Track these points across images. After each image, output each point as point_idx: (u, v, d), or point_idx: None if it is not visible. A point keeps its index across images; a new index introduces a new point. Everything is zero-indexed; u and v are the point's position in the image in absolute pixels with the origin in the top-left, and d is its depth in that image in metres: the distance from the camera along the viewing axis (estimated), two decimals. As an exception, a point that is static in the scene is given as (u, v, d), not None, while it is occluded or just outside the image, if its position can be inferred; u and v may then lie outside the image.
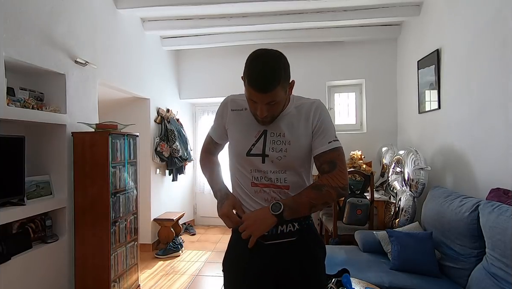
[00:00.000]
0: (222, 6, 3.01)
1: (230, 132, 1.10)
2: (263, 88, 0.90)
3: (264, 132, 1.02)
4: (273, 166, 1.01)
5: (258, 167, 1.02)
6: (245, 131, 1.05)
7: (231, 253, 1.11)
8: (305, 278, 1.02)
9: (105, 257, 2.28)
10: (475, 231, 1.76)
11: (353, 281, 1.62)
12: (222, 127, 1.13)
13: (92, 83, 2.58)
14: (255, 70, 0.91)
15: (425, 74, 2.94)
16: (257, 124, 1.03)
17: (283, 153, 1.00)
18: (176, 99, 4.40)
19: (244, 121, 1.06)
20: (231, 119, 1.09)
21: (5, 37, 1.80)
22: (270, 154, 1.01)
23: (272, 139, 1.01)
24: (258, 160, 1.01)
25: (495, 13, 1.96)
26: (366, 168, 3.30)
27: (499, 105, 1.93)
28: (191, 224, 4.65)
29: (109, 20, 2.85)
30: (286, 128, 1.02)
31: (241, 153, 1.04)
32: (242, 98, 1.09)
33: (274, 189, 1.01)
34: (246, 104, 1.04)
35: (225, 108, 1.11)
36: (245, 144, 1.03)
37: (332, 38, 3.77)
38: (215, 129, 1.17)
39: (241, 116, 1.07)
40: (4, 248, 1.80)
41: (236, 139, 1.07)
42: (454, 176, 2.45)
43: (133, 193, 2.66)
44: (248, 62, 0.93)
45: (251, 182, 1.03)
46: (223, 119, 1.12)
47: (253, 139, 1.03)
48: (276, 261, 1.02)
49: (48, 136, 2.25)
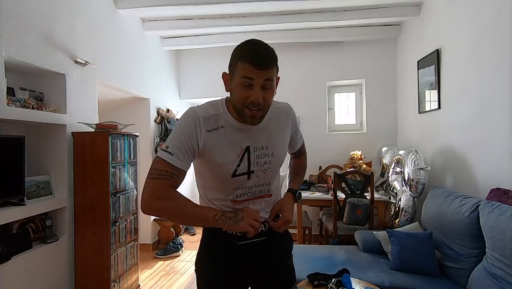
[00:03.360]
0: (222, 6, 3.01)
1: (208, 156, 0.94)
2: (263, 63, 0.86)
3: (247, 149, 0.96)
4: (258, 180, 1.00)
5: (242, 184, 0.98)
6: (227, 153, 0.94)
7: (204, 254, 1.06)
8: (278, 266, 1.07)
9: (105, 257, 2.28)
10: (475, 231, 1.76)
11: (353, 281, 1.62)
12: (188, 152, 0.91)
13: (92, 83, 2.58)
14: (254, 48, 0.88)
15: (425, 74, 2.94)
16: (238, 142, 0.96)
17: (267, 165, 1.00)
18: (176, 99, 4.40)
19: (224, 142, 0.94)
20: (209, 141, 0.92)
21: (5, 37, 1.80)
22: (255, 169, 0.98)
23: (256, 154, 0.98)
24: (244, 178, 0.97)
25: (495, 13, 1.96)
26: (366, 168, 3.30)
27: (499, 105, 1.92)
28: (191, 224, 4.64)
29: (109, 20, 2.85)
30: (267, 139, 1.00)
31: (225, 176, 0.96)
32: (211, 113, 0.95)
33: (256, 200, 1.03)
34: (219, 120, 0.95)
35: (198, 129, 0.92)
36: (229, 167, 0.95)
37: (332, 38, 3.76)
38: (181, 156, 0.90)
39: (219, 136, 0.94)
40: (4, 248, 1.80)
41: (218, 164, 0.94)
42: (454, 176, 2.45)
43: (133, 193, 2.66)
44: (242, 46, 0.90)
45: (232, 200, 1.00)
46: (195, 142, 0.92)
47: (237, 159, 0.95)
48: (251, 260, 1.03)
49: (48, 136, 2.26)
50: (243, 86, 0.88)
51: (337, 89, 4.20)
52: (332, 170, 3.47)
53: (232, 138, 0.95)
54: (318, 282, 1.67)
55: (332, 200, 2.78)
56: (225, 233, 0.99)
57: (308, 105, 3.96)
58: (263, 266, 1.04)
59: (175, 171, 0.90)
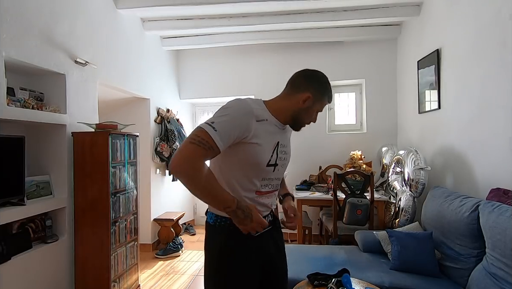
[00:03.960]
0: (222, 6, 3.01)
1: (253, 144, 1.03)
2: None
3: (277, 144, 1.12)
4: (277, 173, 1.15)
5: (268, 175, 1.12)
6: (268, 143, 1.08)
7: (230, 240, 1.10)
8: (279, 251, 1.25)
9: (105, 257, 2.28)
10: (475, 231, 1.76)
11: (353, 281, 1.62)
12: (233, 137, 0.99)
13: (92, 83, 2.58)
14: (329, 88, 1.18)
15: (425, 74, 2.94)
16: (274, 135, 1.11)
17: (285, 161, 1.19)
18: (176, 99, 4.40)
19: (267, 133, 1.08)
20: (257, 130, 1.04)
21: (5, 37, 1.80)
22: (278, 163, 1.13)
23: (280, 150, 1.13)
24: (271, 169, 1.11)
25: (495, 13, 1.96)
26: (366, 168, 3.30)
27: (499, 105, 1.93)
28: (191, 224, 4.65)
29: (109, 20, 2.85)
30: (288, 140, 1.21)
31: (261, 164, 1.07)
32: (258, 107, 1.08)
33: (271, 194, 1.18)
34: (265, 116, 1.09)
35: (251, 119, 1.02)
36: (267, 155, 1.08)
37: (332, 38, 3.77)
38: (225, 137, 0.97)
39: (264, 127, 1.07)
40: (4, 248, 1.80)
41: (259, 150, 1.05)
42: (454, 176, 2.45)
43: (133, 193, 2.66)
44: (323, 82, 1.16)
45: (256, 191, 1.11)
46: (244, 130, 1.00)
47: (272, 150, 1.09)
48: (263, 246, 1.17)
49: (48, 136, 2.26)
50: (315, 113, 1.18)
51: (337, 89, 4.20)
52: (332, 170, 3.47)
53: (271, 132, 1.10)
54: (318, 282, 1.67)
55: (332, 200, 2.78)
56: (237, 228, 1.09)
57: (308, 105, 3.95)
58: (270, 251, 1.19)
59: (213, 144, 0.95)
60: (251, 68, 4.24)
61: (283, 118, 1.13)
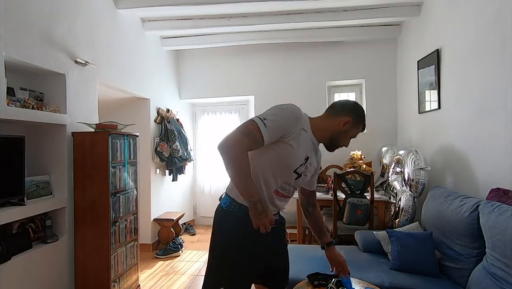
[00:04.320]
0: (222, 6, 3.01)
1: (290, 146, 1.16)
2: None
3: (307, 158, 1.24)
4: (298, 183, 1.28)
5: (291, 181, 1.23)
6: (302, 151, 1.20)
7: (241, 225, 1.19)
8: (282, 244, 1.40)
9: (105, 257, 2.28)
10: (475, 231, 1.76)
11: (353, 281, 1.61)
12: (279, 135, 1.13)
13: (92, 83, 2.58)
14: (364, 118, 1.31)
15: (425, 74, 2.94)
16: (308, 149, 1.23)
17: (306, 177, 1.30)
18: (176, 99, 4.40)
19: (304, 142, 1.20)
20: (298, 135, 1.17)
21: (5, 37, 1.80)
22: (302, 176, 1.26)
23: (306, 164, 1.25)
24: (295, 176, 1.23)
25: (495, 13, 1.96)
26: (366, 168, 3.30)
27: (499, 106, 1.93)
28: (191, 224, 4.65)
29: (109, 20, 2.85)
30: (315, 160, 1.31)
31: (290, 166, 1.19)
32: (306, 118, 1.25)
33: (286, 198, 1.28)
34: (308, 127, 1.23)
35: (298, 123, 1.17)
36: (297, 161, 1.20)
37: (332, 38, 3.77)
38: (272, 133, 1.11)
39: (304, 137, 1.20)
40: (4, 248, 1.80)
41: (293, 154, 1.17)
42: (454, 176, 2.45)
43: (133, 193, 2.66)
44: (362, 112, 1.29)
45: (275, 190, 1.22)
46: (289, 131, 1.14)
47: (302, 160, 1.21)
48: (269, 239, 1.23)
49: (48, 136, 2.26)
50: (349, 138, 1.31)
51: (337, 89, 4.20)
52: (332, 170, 3.47)
53: (307, 144, 1.23)
54: (318, 282, 1.67)
55: (332, 200, 2.77)
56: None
57: (308, 105, 3.88)
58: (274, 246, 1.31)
59: (260, 138, 1.10)
60: (251, 68, 4.24)
61: (320, 136, 1.26)
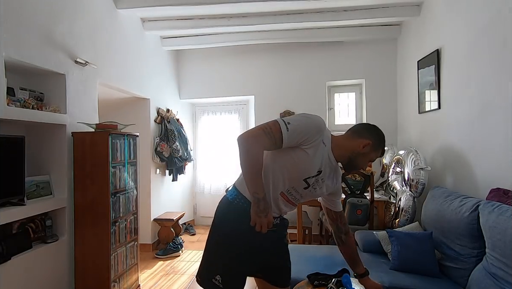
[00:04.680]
0: (222, 6, 3.01)
1: (305, 152, 1.18)
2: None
3: (319, 172, 1.23)
4: (306, 194, 1.27)
5: (299, 188, 1.24)
6: (316, 162, 1.21)
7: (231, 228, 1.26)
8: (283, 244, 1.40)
9: (105, 257, 2.28)
10: (475, 231, 1.76)
11: (353, 281, 1.61)
12: (299, 141, 1.17)
13: (92, 83, 2.58)
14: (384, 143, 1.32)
15: (425, 74, 2.94)
16: (322, 162, 1.23)
17: (316, 190, 1.29)
18: (176, 99, 4.40)
19: (320, 154, 1.21)
20: (317, 146, 1.19)
21: (5, 37, 1.80)
22: (311, 188, 1.26)
23: (318, 178, 1.25)
24: (304, 185, 1.24)
25: (495, 13, 1.96)
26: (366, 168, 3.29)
27: (499, 105, 1.93)
28: (191, 224, 4.65)
29: (109, 20, 2.85)
30: (328, 178, 1.30)
31: (302, 173, 1.21)
32: (328, 133, 1.26)
33: (290, 204, 1.29)
34: (328, 142, 1.24)
35: (320, 134, 1.20)
36: (310, 170, 1.21)
37: (332, 38, 3.77)
38: (291, 138, 1.15)
39: (322, 150, 1.22)
40: (4, 248, 1.80)
41: (308, 163, 1.19)
42: (454, 176, 2.45)
43: (133, 193, 2.66)
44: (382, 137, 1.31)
45: (282, 192, 1.24)
46: (309, 139, 1.17)
47: (315, 171, 1.22)
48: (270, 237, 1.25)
49: (48, 136, 2.26)
50: (368, 162, 1.31)
51: (337, 89, 4.19)
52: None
53: (324, 158, 1.23)
54: (318, 282, 1.67)
55: (332, 200, 2.77)
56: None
57: (308, 105, 3.95)
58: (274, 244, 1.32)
59: (279, 140, 1.14)
60: (251, 68, 4.24)
61: (338, 154, 1.26)
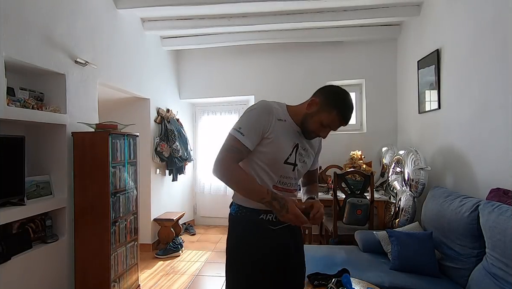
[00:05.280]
0: (222, 6, 3.01)
1: (271, 140, 1.13)
2: (347, 122, 1.14)
3: (296, 145, 1.19)
4: (297, 173, 1.21)
5: (287, 173, 1.19)
6: (286, 141, 1.16)
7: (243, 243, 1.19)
8: (298, 249, 1.30)
9: (105, 257, 2.28)
10: (475, 231, 1.76)
11: (353, 281, 1.62)
12: (259, 134, 1.13)
13: (92, 83, 2.58)
14: (349, 108, 1.14)
15: (425, 74, 2.94)
16: (292, 137, 1.18)
17: (304, 164, 1.24)
18: (176, 99, 4.40)
19: (285, 132, 1.16)
20: (276, 128, 1.14)
21: (5, 37, 1.80)
22: (298, 164, 1.20)
23: (300, 152, 1.20)
24: (290, 168, 1.18)
25: (495, 13, 1.96)
26: (366, 168, 3.29)
27: (499, 105, 1.93)
28: (191, 224, 4.65)
29: (109, 20, 2.85)
30: (308, 145, 1.25)
31: (279, 160, 1.15)
32: (279, 108, 1.19)
33: (288, 192, 1.22)
34: (285, 116, 1.18)
35: (270, 116, 1.14)
36: (284, 153, 1.16)
37: (332, 38, 3.77)
38: (251, 137, 1.11)
39: (283, 127, 1.16)
40: (4, 248, 1.80)
41: (278, 147, 1.14)
42: (454, 176, 2.45)
43: (133, 193, 2.66)
44: (342, 100, 1.13)
45: (274, 186, 1.18)
46: (265, 127, 1.13)
47: (290, 150, 1.17)
48: (282, 240, 1.21)
49: (48, 136, 2.26)
50: (321, 126, 1.15)
51: (337, 89, 4.19)
52: (332, 170, 3.47)
53: (290, 132, 1.18)
54: (318, 282, 1.67)
55: (332, 200, 2.78)
56: (262, 220, 1.17)
57: (308, 105, 3.94)
58: (288, 248, 1.23)
59: (243, 148, 1.11)
60: (251, 68, 4.24)
61: (297, 121, 1.19)
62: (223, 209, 2.91)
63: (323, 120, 1.13)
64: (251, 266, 1.16)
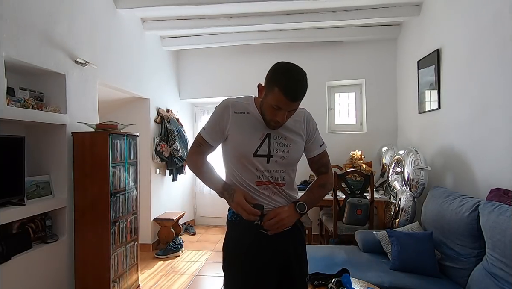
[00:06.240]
0: (222, 6, 3.02)
1: (232, 134, 1.13)
2: (295, 98, 1.00)
3: (267, 135, 1.12)
4: (276, 165, 1.13)
5: (262, 167, 1.12)
6: (250, 134, 1.12)
7: (236, 248, 1.15)
8: (299, 255, 1.21)
9: (105, 257, 2.28)
10: (475, 231, 1.76)
11: (353, 281, 1.62)
12: (219, 130, 1.14)
13: (92, 83, 2.58)
14: (292, 81, 0.99)
15: (425, 74, 2.94)
16: (260, 128, 1.12)
17: (285, 153, 1.14)
18: (176, 99, 4.40)
19: (248, 124, 1.12)
20: (234, 121, 1.12)
21: (5, 37, 1.80)
22: (274, 154, 1.12)
23: (276, 141, 1.13)
24: (263, 160, 1.12)
25: (495, 13, 1.96)
26: (366, 168, 3.29)
27: (499, 105, 1.93)
28: (191, 224, 4.65)
29: (109, 20, 2.85)
30: (286, 132, 1.15)
31: (247, 154, 1.11)
32: (242, 102, 1.16)
33: (276, 188, 1.14)
34: (248, 108, 1.14)
35: (226, 111, 1.13)
36: (251, 146, 1.11)
37: (332, 38, 3.77)
38: (210, 132, 1.17)
39: (244, 119, 1.13)
40: (4, 248, 1.80)
41: (240, 141, 1.12)
42: (454, 176, 2.45)
43: (133, 193, 2.66)
44: (281, 73, 1.01)
45: (256, 182, 1.12)
46: (223, 122, 1.13)
47: (258, 141, 1.11)
48: (279, 246, 1.14)
49: (48, 136, 2.26)
50: (273, 109, 1.03)
51: (337, 89, 4.20)
52: (332, 170, 3.46)
53: (255, 124, 1.13)
54: (318, 282, 1.67)
55: (332, 200, 2.78)
56: (257, 225, 1.11)
57: (308, 105, 3.86)
58: (288, 254, 1.16)
59: (205, 143, 1.18)
60: (251, 68, 4.24)
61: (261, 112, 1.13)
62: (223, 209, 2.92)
63: (270, 102, 1.02)
64: (246, 272, 1.12)
